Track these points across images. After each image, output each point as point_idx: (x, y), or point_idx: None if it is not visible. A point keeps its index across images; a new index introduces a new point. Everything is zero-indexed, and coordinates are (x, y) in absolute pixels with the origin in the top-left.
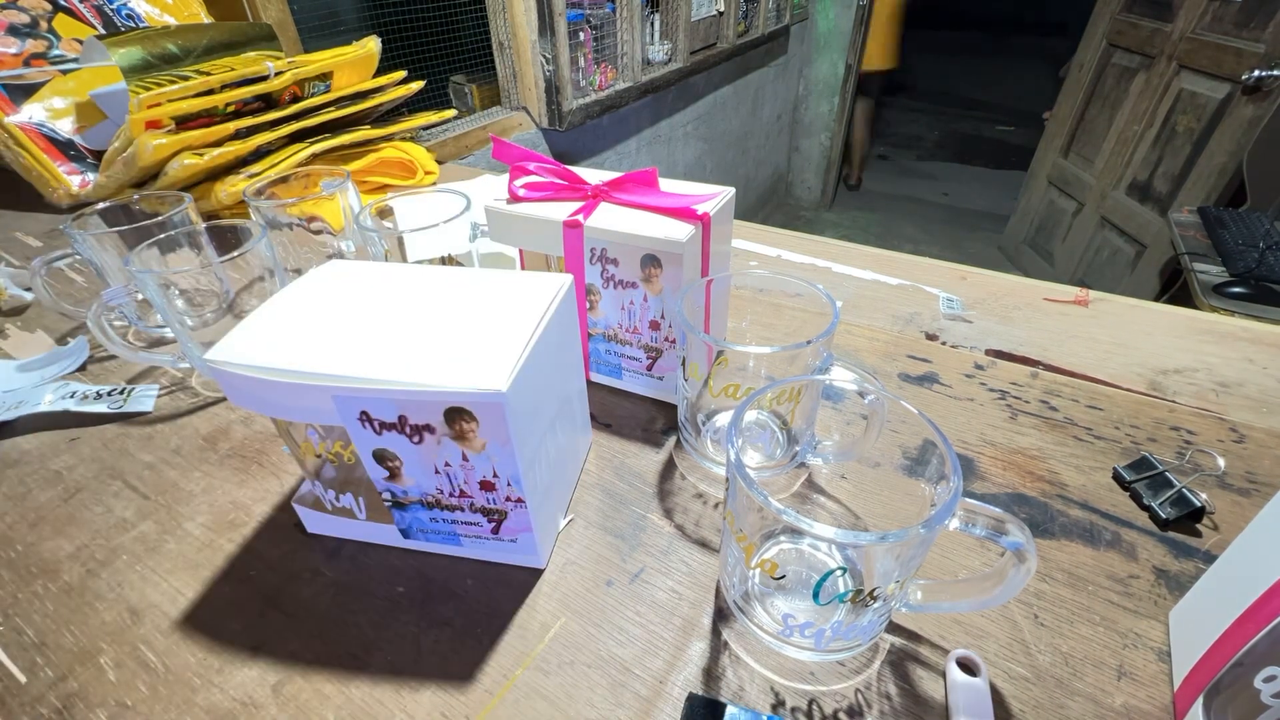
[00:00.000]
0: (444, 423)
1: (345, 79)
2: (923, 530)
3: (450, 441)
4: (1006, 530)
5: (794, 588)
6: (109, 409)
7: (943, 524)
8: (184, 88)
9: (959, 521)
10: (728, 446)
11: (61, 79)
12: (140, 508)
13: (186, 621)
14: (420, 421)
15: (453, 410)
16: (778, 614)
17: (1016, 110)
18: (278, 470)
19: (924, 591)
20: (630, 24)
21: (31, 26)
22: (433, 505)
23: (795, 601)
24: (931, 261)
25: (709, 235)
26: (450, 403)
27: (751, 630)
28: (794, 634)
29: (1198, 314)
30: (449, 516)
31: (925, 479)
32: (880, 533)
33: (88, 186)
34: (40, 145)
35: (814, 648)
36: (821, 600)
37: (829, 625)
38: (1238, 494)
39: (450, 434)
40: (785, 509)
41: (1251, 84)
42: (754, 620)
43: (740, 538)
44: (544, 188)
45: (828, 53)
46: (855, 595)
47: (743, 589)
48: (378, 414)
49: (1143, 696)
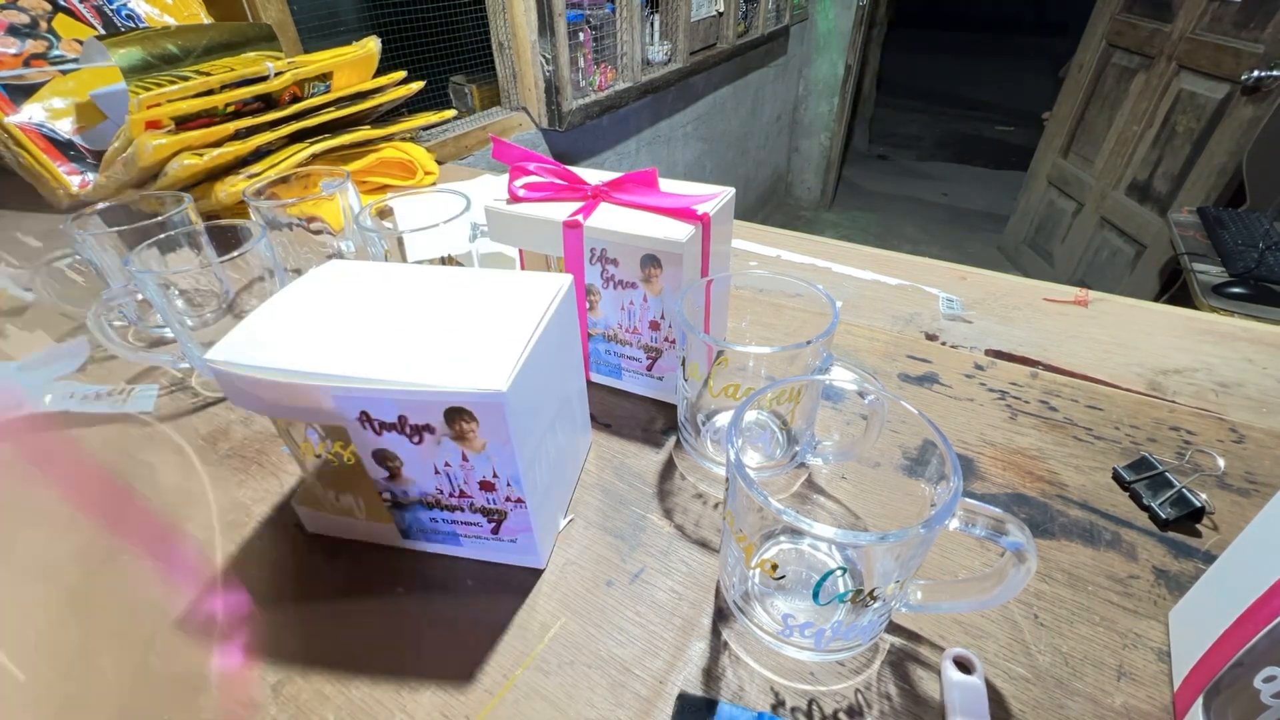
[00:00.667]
0: (444, 423)
1: (345, 79)
2: (923, 530)
3: (450, 442)
4: (1006, 530)
5: (794, 588)
6: (109, 409)
7: (943, 524)
8: (184, 88)
9: (959, 522)
10: (727, 447)
11: (61, 79)
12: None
13: (186, 622)
14: (420, 421)
15: (453, 410)
16: (777, 614)
17: (1016, 110)
18: (278, 470)
19: (924, 591)
20: (630, 24)
21: (31, 27)
22: (433, 505)
23: (795, 601)
24: (931, 261)
25: (709, 235)
26: (450, 403)
27: (751, 630)
28: (794, 634)
29: (1197, 314)
30: (449, 517)
31: (925, 479)
32: (880, 533)
33: (88, 186)
34: (40, 145)
35: (814, 648)
36: (821, 600)
37: (829, 625)
38: (1237, 494)
39: (450, 434)
40: (785, 509)
41: (1251, 84)
42: (754, 620)
43: (740, 538)
44: (544, 188)
45: (827, 53)
46: (855, 595)
47: (743, 589)
48: (378, 414)
49: (1143, 696)
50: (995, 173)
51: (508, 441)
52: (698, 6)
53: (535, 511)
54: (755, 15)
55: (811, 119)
